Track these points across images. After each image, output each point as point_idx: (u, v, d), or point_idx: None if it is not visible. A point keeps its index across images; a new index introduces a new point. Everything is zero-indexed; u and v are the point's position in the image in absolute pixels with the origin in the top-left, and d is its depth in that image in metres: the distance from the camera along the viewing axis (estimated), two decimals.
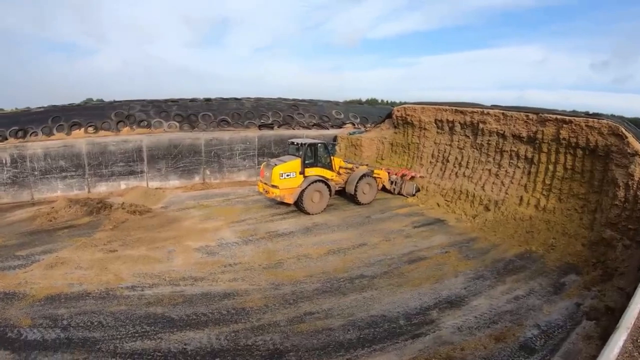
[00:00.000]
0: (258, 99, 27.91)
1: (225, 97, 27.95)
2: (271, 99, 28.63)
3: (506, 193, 14.21)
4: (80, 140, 21.26)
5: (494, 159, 15.26)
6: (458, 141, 16.84)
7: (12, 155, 20.23)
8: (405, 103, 20.92)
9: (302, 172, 16.13)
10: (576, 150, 12.78)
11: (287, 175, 16.04)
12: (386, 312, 8.49)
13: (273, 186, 15.90)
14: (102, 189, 20.97)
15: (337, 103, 30.14)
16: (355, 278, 10.20)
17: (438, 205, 15.83)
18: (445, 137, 17.54)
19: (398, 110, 20.14)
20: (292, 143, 17.31)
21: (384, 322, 8.19)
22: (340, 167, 18.01)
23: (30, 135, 21.99)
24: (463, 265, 10.68)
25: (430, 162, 17.98)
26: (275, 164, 16.25)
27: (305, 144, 16.49)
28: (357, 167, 18.24)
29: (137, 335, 8.13)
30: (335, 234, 13.56)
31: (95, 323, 8.62)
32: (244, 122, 24.70)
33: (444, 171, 17.06)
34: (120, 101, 26.90)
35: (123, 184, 21.13)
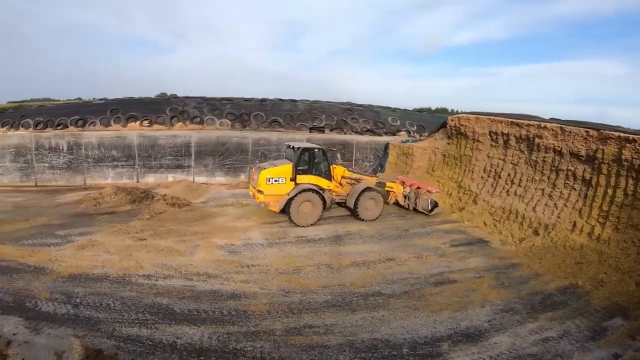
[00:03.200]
0: (313, 102, 27.74)
1: (282, 98, 27.99)
2: (326, 102, 28.30)
3: (558, 217, 12.63)
4: (133, 132, 22.31)
5: (548, 177, 13.69)
6: (512, 156, 15.36)
7: (69, 143, 21.69)
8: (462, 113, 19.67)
9: (293, 179, 14.88)
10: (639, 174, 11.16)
11: (276, 181, 14.84)
12: (391, 337, 7.65)
13: (259, 191, 14.90)
14: (150, 179, 21.69)
15: (394, 109, 29.23)
16: (370, 295, 9.46)
17: (485, 224, 14.45)
18: (498, 151, 16.12)
19: (452, 120, 18.93)
20: (289, 146, 15.97)
21: (385, 348, 7.38)
22: (342, 177, 16.44)
23: (89, 125, 23.46)
24: (494, 294, 9.47)
25: (482, 177, 16.59)
26: (264, 167, 15.29)
27: (299, 147, 15.15)
28: (362, 179, 16.69)
29: (136, 322, 8.41)
30: (366, 245, 12.84)
31: (104, 305, 9.10)
32: (296, 123, 24.63)
33: (495, 188, 15.61)
34: (177, 97, 27.74)
35: (170, 177, 21.80)
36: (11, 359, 7.42)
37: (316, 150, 15.40)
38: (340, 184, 16.40)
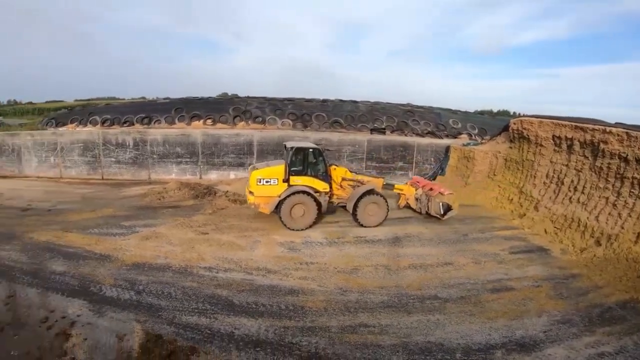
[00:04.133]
0: (374, 103, 27.91)
1: (343, 99, 28.34)
2: (387, 103, 28.37)
3: (622, 227, 12.14)
4: (197, 130, 23.31)
5: (613, 185, 13.17)
6: (575, 162, 14.86)
7: (135, 139, 22.98)
8: (524, 116, 19.23)
9: (286, 180, 14.28)
10: None
11: (267, 182, 14.32)
12: (445, 341, 7.82)
13: (250, 192, 14.55)
14: (212, 176, 22.66)
15: (455, 112, 28.85)
16: (427, 298, 9.62)
17: (545, 231, 14.15)
18: (562, 156, 15.64)
19: (515, 123, 18.50)
20: (286, 146, 15.08)
21: (438, 352, 7.57)
22: (343, 179, 15.51)
23: (154, 122, 24.98)
24: (552, 305, 9.39)
25: (544, 182, 16.16)
26: (257, 168, 14.96)
27: (292, 147, 14.49)
28: (367, 180, 15.74)
29: (196, 311, 8.88)
30: (424, 248, 12.94)
31: (166, 293, 9.66)
32: (357, 124, 24.92)
33: (557, 194, 15.19)
34: (239, 97, 28.71)
35: (232, 174, 22.60)
36: (74, 338, 7.99)
37: (311, 150, 14.77)
38: (341, 186, 15.59)
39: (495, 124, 25.77)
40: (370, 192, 15.02)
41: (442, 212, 15.57)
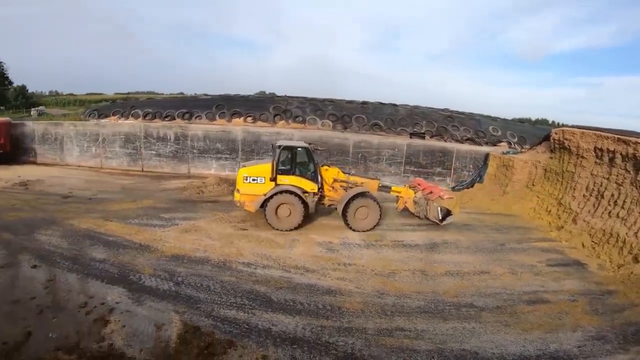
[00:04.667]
0: (414, 107, 28.08)
1: (382, 101, 28.58)
2: (427, 108, 28.49)
3: None
4: (237, 127, 23.96)
5: None
6: (617, 175, 14.70)
7: (176, 134, 23.89)
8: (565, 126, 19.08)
9: (273, 179, 14.24)
10: None
11: (254, 180, 14.27)
12: (480, 350, 8.06)
13: (237, 190, 14.59)
14: None
15: (495, 119, 28.67)
16: (463, 306, 9.83)
17: (583, 245, 14.14)
18: (603, 169, 15.50)
19: (556, 133, 18.42)
20: (273, 145, 15.37)
21: None
22: (335, 181, 15.17)
23: (195, 118, 26.02)
24: (587, 320, 9.51)
25: (584, 195, 16.05)
26: (245, 166, 14.96)
27: (280, 145, 14.52)
28: (361, 182, 15.35)
29: (234, 305, 9.16)
30: (461, 255, 13.14)
31: (204, 286, 9.98)
32: (397, 128, 25.14)
33: (597, 208, 15.07)
34: (279, 96, 29.24)
35: None
36: (113, 324, 8.24)
37: (299, 149, 14.64)
38: (333, 187, 15.25)
39: (534, 133, 25.66)
40: (361, 195, 14.69)
41: (440, 218, 15.24)
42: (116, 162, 24.48)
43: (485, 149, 23.67)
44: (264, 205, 14.05)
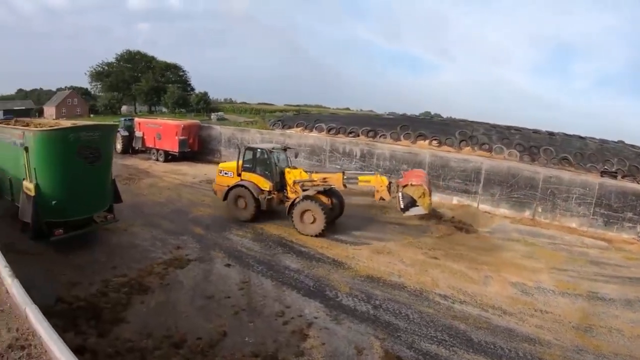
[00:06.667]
0: (602, 141, 25.94)
1: (568, 132, 27.32)
2: (617, 142, 26.66)
3: None
4: (425, 150, 24.28)
5: None
6: None
7: (362, 150, 25.00)
8: None
9: (239, 174, 16.53)
10: None
11: (226, 174, 16.97)
12: None
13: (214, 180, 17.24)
14: (434, 199, 22.24)
15: None
16: None
17: None
18: None
19: None
20: (239, 146, 18.27)
21: None
22: (294, 183, 15.81)
23: (379, 137, 27.04)
24: None
25: None
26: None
27: (245, 146, 16.91)
28: (321, 179, 15.46)
29: (435, 339, 9.12)
30: None
31: (403, 314, 10.07)
32: (586, 164, 23.34)
33: None
34: (464, 121, 29.78)
35: (455, 200, 22.74)
36: (312, 340, 8.51)
37: (259, 149, 16.50)
38: (294, 189, 15.85)
39: None
40: (305, 198, 15.03)
41: (402, 206, 13.72)
42: None
43: None
44: (226, 196, 16.38)
